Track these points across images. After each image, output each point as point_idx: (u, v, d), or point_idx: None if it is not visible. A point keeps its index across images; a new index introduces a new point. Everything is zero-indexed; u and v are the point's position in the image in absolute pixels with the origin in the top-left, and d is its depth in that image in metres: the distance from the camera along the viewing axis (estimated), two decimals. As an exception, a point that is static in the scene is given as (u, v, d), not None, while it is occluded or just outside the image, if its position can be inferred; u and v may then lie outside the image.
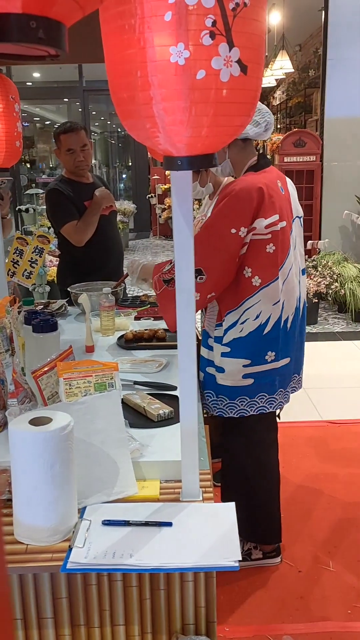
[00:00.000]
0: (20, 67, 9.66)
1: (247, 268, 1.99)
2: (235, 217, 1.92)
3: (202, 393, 2.16)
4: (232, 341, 2.05)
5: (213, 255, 1.92)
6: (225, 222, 1.92)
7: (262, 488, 2.29)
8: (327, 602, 2.15)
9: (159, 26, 1.01)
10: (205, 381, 2.16)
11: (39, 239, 2.73)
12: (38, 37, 0.79)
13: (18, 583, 1.18)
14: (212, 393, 2.14)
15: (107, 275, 3.01)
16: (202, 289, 1.93)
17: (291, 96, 10.10)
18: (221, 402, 2.13)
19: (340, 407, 3.78)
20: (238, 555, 1.13)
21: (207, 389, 2.15)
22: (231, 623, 2.06)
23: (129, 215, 10.44)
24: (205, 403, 2.16)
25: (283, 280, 2.05)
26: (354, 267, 5.85)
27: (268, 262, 1.99)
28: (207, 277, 1.92)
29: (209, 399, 2.15)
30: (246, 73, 1.07)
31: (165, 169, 1.21)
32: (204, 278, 1.92)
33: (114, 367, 1.50)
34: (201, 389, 2.16)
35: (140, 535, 1.20)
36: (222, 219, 1.93)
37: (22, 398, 1.55)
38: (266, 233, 1.96)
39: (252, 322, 2.03)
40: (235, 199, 1.93)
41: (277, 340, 2.07)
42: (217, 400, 2.13)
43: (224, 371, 2.08)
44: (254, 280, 1.99)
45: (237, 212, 1.92)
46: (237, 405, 2.11)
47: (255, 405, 2.12)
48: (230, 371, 2.07)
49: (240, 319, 2.03)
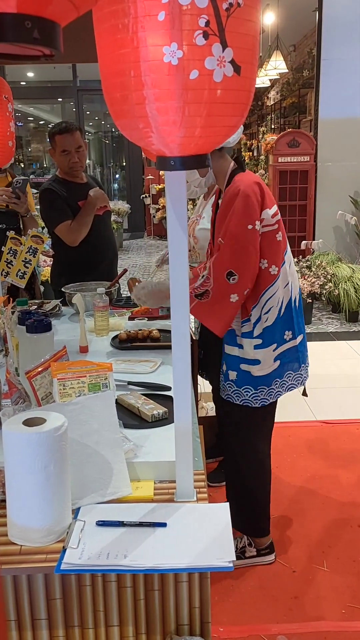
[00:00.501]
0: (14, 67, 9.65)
1: (262, 260, 2.10)
2: (249, 214, 2.04)
3: (238, 390, 2.22)
4: (262, 332, 2.16)
5: (240, 254, 2.04)
6: (242, 220, 2.03)
7: (260, 480, 2.36)
8: (322, 602, 2.15)
9: (153, 26, 1.00)
10: (240, 378, 2.21)
11: (32, 239, 2.72)
12: (33, 37, 0.79)
13: (12, 584, 1.17)
14: (250, 388, 2.20)
15: (101, 275, 3.01)
16: (238, 288, 2.05)
17: (285, 96, 10.12)
18: (261, 393, 2.21)
19: (334, 408, 3.78)
20: (232, 555, 1.13)
21: (244, 385, 2.20)
22: (225, 623, 2.06)
23: (123, 215, 10.43)
24: (246, 399, 2.21)
25: (289, 264, 2.21)
26: (348, 267, 5.87)
27: (278, 250, 2.14)
28: (239, 276, 2.04)
29: (248, 393, 2.20)
30: (240, 73, 1.07)
31: (158, 169, 1.21)
32: (236, 278, 2.04)
33: (108, 368, 1.49)
34: (235, 386, 2.22)
35: (134, 535, 1.20)
36: (239, 219, 2.04)
37: (15, 398, 1.55)
38: (273, 223, 2.11)
39: (275, 309, 2.16)
40: (244, 198, 2.04)
41: (291, 320, 2.22)
42: (257, 392, 2.21)
43: (260, 362, 2.17)
44: (271, 269, 2.11)
45: (249, 208, 2.04)
46: (274, 389, 2.23)
47: (285, 385, 2.26)
48: (264, 361, 2.17)
49: (264, 310, 2.14)
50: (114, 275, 3.08)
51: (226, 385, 2.25)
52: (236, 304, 2.07)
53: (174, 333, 1.28)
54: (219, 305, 2.07)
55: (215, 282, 2.04)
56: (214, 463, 3.05)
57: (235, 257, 2.04)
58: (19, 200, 2.90)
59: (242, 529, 2.38)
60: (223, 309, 2.07)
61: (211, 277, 2.04)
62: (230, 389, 2.24)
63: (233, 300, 2.05)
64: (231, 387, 2.23)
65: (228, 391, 2.25)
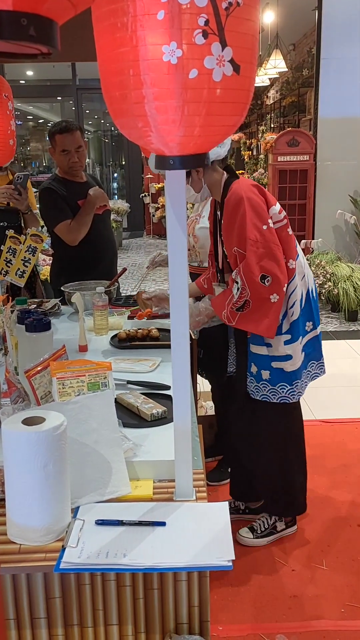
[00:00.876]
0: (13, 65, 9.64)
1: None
2: (260, 215, 2.08)
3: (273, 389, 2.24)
4: (290, 327, 2.20)
5: (266, 256, 2.07)
6: (256, 224, 2.07)
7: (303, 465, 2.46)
8: (321, 601, 2.15)
9: (152, 25, 1.00)
10: (274, 376, 2.23)
11: (32, 238, 2.72)
12: (29, 35, 0.78)
13: (11, 583, 1.17)
14: (285, 384, 2.23)
15: (100, 274, 3.01)
16: (275, 287, 2.08)
17: (285, 95, 10.11)
18: (296, 387, 2.25)
19: (333, 407, 3.78)
20: (231, 554, 1.13)
21: (279, 382, 2.22)
22: (225, 622, 2.06)
23: (123, 215, 10.43)
24: (282, 395, 2.24)
25: (301, 256, 2.26)
26: (347, 267, 5.87)
27: (292, 243, 2.19)
28: (272, 276, 2.07)
29: (284, 390, 2.23)
30: (239, 72, 1.07)
31: (157, 168, 1.21)
32: (270, 279, 2.07)
33: (107, 367, 1.49)
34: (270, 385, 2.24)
35: (133, 535, 1.20)
36: (252, 223, 2.07)
37: (15, 397, 1.55)
38: (282, 218, 2.16)
39: (298, 303, 2.20)
40: (248, 201, 2.07)
41: (310, 311, 2.27)
42: (292, 387, 2.24)
43: (292, 357, 2.21)
44: (289, 264, 2.16)
45: (257, 210, 2.08)
46: (304, 382, 2.30)
47: (309, 374, 2.33)
48: (295, 355, 2.22)
49: (289, 304, 2.19)
50: (114, 274, 3.08)
51: (260, 385, 2.26)
52: (279, 302, 2.11)
53: (174, 332, 1.28)
54: (263, 309, 2.10)
55: (252, 290, 2.07)
56: (213, 462, 3.05)
57: (262, 260, 2.07)
58: (21, 197, 2.89)
59: (286, 512, 2.49)
60: (268, 311, 2.11)
61: (246, 287, 2.06)
62: (265, 388, 2.25)
63: (274, 300, 2.09)
64: (266, 387, 2.24)
65: (263, 391, 2.26)
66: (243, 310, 2.11)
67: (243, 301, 2.09)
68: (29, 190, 3.13)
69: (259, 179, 9.18)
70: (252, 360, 2.27)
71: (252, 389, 2.30)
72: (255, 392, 2.29)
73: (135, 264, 9.08)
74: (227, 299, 2.14)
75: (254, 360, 2.26)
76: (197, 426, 1.69)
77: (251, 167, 11.13)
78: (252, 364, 2.27)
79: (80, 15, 0.91)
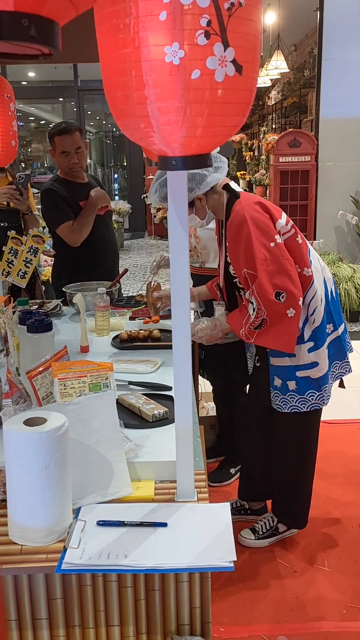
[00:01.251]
0: (15, 67, 9.65)
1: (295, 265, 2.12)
2: (266, 233, 2.05)
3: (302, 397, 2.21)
4: (312, 334, 2.18)
5: (277, 273, 2.04)
6: (263, 242, 2.04)
7: (313, 472, 2.45)
8: (323, 602, 2.15)
9: (154, 25, 1.00)
10: (301, 385, 2.20)
11: (33, 239, 2.72)
12: (30, 35, 0.78)
13: (12, 584, 1.17)
14: (314, 391, 2.21)
15: (102, 275, 3.00)
16: (291, 302, 2.05)
17: (286, 96, 10.10)
18: (325, 392, 2.23)
19: (335, 407, 3.77)
20: (233, 555, 1.13)
21: (308, 390, 2.20)
22: (226, 623, 2.06)
23: (124, 215, 10.43)
24: (313, 403, 2.22)
25: (316, 259, 2.25)
26: (349, 268, 5.86)
27: (304, 251, 2.17)
28: (286, 292, 2.05)
29: (314, 397, 2.21)
30: (241, 73, 1.07)
31: (159, 169, 1.21)
32: (284, 295, 2.05)
33: (109, 368, 1.49)
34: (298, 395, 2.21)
35: (135, 535, 1.20)
36: (258, 242, 2.04)
37: (16, 398, 1.55)
38: (290, 229, 2.14)
39: (320, 308, 2.18)
40: (252, 221, 2.05)
41: (331, 313, 2.25)
42: (322, 392, 2.22)
43: (318, 364, 2.19)
44: (305, 272, 2.15)
45: (263, 228, 2.05)
46: (330, 383, 2.28)
47: (334, 374, 2.31)
48: (321, 360, 2.20)
49: (309, 311, 2.17)
50: (115, 275, 3.08)
51: (287, 397, 2.22)
52: (296, 316, 2.08)
53: (175, 333, 1.28)
54: (280, 326, 2.08)
55: (268, 309, 2.04)
56: (215, 463, 3.05)
57: (274, 277, 2.04)
58: (22, 197, 2.89)
59: (293, 523, 2.49)
60: (286, 327, 2.08)
61: (262, 306, 2.04)
62: (293, 399, 2.22)
63: (291, 315, 2.06)
64: (294, 398, 2.21)
65: (291, 402, 2.22)
66: (261, 328, 2.08)
67: (260, 320, 2.06)
68: (29, 191, 3.13)
69: (261, 180, 9.19)
70: (275, 373, 2.23)
71: (279, 403, 2.24)
72: (282, 405, 2.24)
73: (137, 265, 9.09)
74: (244, 318, 2.11)
75: (277, 373, 2.22)
76: (198, 427, 1.69)
77: (252, 168, 11.13)
78: (274, 378, 2.23)
79: (82, 16, 0.91)
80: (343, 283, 5.65)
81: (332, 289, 2.30)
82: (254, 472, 2.51)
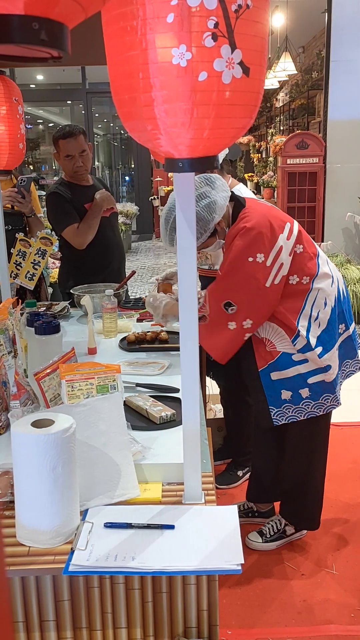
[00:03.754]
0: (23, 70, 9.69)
1: (291, 277, 2.10)
2: (252, 247, 2.03)
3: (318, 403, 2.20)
4: (319, 339, 2.15)
5: (239, 287, 2.03)
6: (243, 253, 2.03)
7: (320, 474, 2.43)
8: (331, 606, 2.14)
9: (161, 28, 1.01)
10: (315, 391, 2.18)
11: (41, 241, 2.73)
12: (40, 39, 0.79)
13: (20, 585, 1.17)
14: (328, 394, 2.20)
15: (108, 277, 3.01)
16: (237, 318, 2.04)
17: (294, 98, 10.09)
18: (338, 392, 2.23)
19: (342, 410, 3.75)
20: (240, 558, 1.13)
21: (323, 394, 2.19)
22: (234, 627, 2.05)
23: (132, 217, 10.45)
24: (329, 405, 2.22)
25: (325, 261, 2.22)
26: (357, 269, 5.84)
27: (303, 260, 2.12)
28: (238, 307, 2.03)
29: (329, 400, 2.20)
30: (248, 75, 1.07)
31: (166, 171, 1.21)
32: (235, 308, 2.03)
33: (116, 369, 1.49)
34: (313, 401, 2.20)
35: (142, 538, 1.20)
36: (238, 251, 2.04)
37: (24, 400, 1.55)
38: (293, 242, 2.09)
39: (324, 311, 2.16)
40: (247, 232, 2.04)
41: (343, 314, 2.25)
42: (336, 393, 2.22)
43: (331, 367, 2.18)
44: (303, 280, 2.12)
45: (252, 241, 2.03)
46: (341, 381, 2.28)
47: (345, 372, 2.32)
48: (334, 362, 2.19)
49: (312, 316, 2.15)
50: (122, 277, 3.08)
51: (302, 406, 2.20)
52: (235, 332, 2.05)
53: (182, 335, 1.28)
54: (216, 330, 2.07)
55: (212, 310, 2.04)
56: (222, 465, 3.04)
57: (233, 288, 2.03)
58: (24, 200, 2.90)
59: (303, 524, 2.48)
60: (221, 335, 2.07)
61: (207, 304, 2.03)
62: (308, 406, 2.20)
63: (231, 328, 2.05)
64: (309, 404, 2.19)
65: (307, 409, 2.20)
66: (200, 322, 2.05)
67: (200, 315, 2.03)
68: (33, 194, 3.14)
69: (268, 182, 9.18)
70: (283, 386, 2.19)
71: (293, 414, 2.21)
72: (297, 415, 2.21)
73: (144, 267, 9.10)
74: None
75: (283, 386, 2.19)
76: (206, 429, 1.69)
77: (260, 170, 11.12)
78: (282, 390, 2.19)
79: (89, 19, 0.91)
80: (351, 285, 5.63)
81: (343, 289, 2.29)
82: (263, 473, 2.51)
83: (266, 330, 2.16)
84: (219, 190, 2.04)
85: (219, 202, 2.01)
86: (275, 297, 2.08)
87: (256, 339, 2.18)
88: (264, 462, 2.50)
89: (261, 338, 2.18)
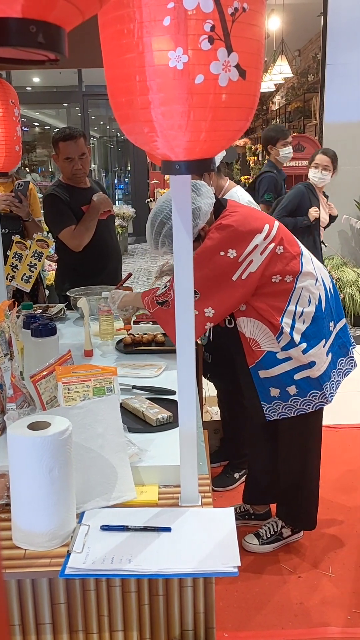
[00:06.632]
0: (19, 72, 9.70)
1: (273, 277, 2.10)
2: (226, 242, 2.03)
3: (306, 399, 2.20)
4: (303, 335, 2.15)
5: (204, 276, 2.01)
6: (215, 246, 2.03)
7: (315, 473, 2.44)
8: (327, 608, 2.14)
9: (158, 31, 1.01)
10: (302, 387, 2.18)
11: (38, 243, 2.73)
12: (37, 42, 0.79)
13: (16, 588, 1.17)
14: (316, 391, 2.20)
15: (105, 279, 3.01)
16: (198, 305, 2.01)
17: (290, 101, 10.12)
18: (327, 389, 2.21)
19: (339, 412, 3.76)
20: (237, 560, 1.13)
21: (310, 391, 2.19)
22: (230, 629, 2.05)
23: (128, 220, 10.45)
24: (317, 402, 2.21)
25: (309, 260, 2.21)
26: (353, 272, 5.85)
27: (285, 260, 2.12)
28: (201, 295, 2.03)
29: (316, 397, 2.19)
30: (245, 78, 1.07)
31: (163, 173, 1.21)
32: (198, 296, 2.02)
33: (113, 372, 1.49)
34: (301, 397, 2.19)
35: (139, 540, 1.19)
36: (210, 244, 2.04)
37: (20, 402, 1.55)
38: (269, 242, 2.08)
39: (308, 309, 2.16)
40: (223, 227, 2.05)
41: (331, 312, 2.25)
42: (324, 390, 2.20)
43: (315, 363, 2.17)
44: (286, 279, 2.12)
45: (226, 237, 2.03)
46: (334, 380, 2.27)
47: (341, 371, 2.31)
48: (319, 359, 2.18)
49: (296, 314, 2.15)
50: (119, 280, 3.08)
51: (291, 403, 2.20)
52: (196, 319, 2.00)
53: (179, 337, 1.28)
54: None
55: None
56: (219, 468, 3.04)
57: (199, 277, 1.98)
58: (21, 204, 2.90)
59: (299, 525, 2.48)
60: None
61: (172, 289, 2.03)
62: (296, 403, 2.20)
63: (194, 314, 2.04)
64: (297, 401, 2.19)
65: (296, 406, 2.20)
66: (162, 306, 2.07)
67: (164, 300, 2.05)
68: (34, 197, 3.13)
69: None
70: (271, 384, 2.20)
71: (284, 411, 2.22)
72: (287, 412, 2.22)
73: (141, 269, 9.10)
74: (154, 291, 2.12)
75: (271, 384, 2.20)
76: (202, 431, 1.69)
77: (256, 173, 11.12)
78: (270, 388, 2.20)
79: (86, 21, 0.91)
80: (347, 287, 5.64)
81: (330, 287, 2.29)
82: (259, 475, 2.51)
83: (251, 330, 2.17)
84: (204, 197, 2.05)
85: (204, 208, 2.03)
86: (242, 292, 2.07)
87: (244, 338, 2.19)
88: (261, 464, 2.50)
89: (247, 338, 2.18)
